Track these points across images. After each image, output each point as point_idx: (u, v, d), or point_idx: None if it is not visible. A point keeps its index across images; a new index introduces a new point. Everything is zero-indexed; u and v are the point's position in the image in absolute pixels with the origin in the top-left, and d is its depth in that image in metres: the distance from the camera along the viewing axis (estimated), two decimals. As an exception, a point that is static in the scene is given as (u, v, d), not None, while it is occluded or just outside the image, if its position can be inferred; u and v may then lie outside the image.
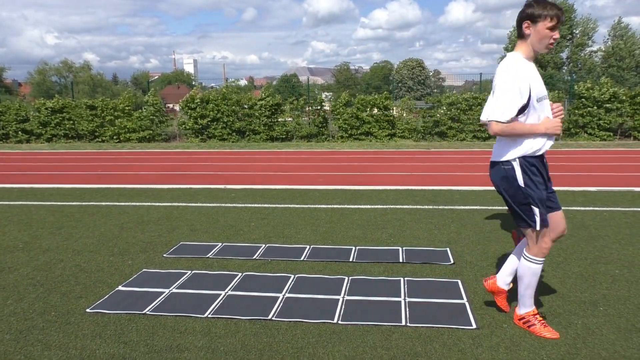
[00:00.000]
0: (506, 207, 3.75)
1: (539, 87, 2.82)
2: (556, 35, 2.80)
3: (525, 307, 3.01)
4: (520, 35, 2.87)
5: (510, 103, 2.74)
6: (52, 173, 10.01)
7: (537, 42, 2.81)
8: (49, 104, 17.28)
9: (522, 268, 2.97)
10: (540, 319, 2.97)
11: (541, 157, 2.91)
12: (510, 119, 2.76)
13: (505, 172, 2.88)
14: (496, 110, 2.78)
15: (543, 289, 3.56)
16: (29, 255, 4.51)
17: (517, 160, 2.84)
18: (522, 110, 2.78)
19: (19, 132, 17.41)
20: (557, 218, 3.00)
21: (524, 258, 2.96)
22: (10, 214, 6.16)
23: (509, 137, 2.85)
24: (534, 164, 2.86)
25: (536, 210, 2.83)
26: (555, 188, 3.13)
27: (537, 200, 2.82)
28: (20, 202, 6.92)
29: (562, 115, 2.96)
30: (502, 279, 3.17)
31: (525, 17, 2.80)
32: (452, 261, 4.19)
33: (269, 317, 3.16)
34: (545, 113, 2.87)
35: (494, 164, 2.97)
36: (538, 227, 2.84)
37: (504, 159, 2.88)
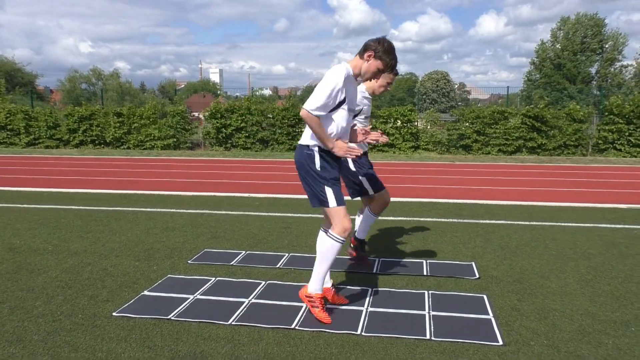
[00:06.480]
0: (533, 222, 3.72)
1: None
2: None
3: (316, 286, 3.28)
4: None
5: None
6: (80, 178, 10.23)
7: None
8: (78, 110, 17.70)
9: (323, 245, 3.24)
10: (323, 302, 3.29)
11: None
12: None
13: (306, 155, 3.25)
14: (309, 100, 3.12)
15: (571, 307, 3.48)
16: (57, 258, 4.60)
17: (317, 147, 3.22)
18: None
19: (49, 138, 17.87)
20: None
21: (327, 235, 3.24)
22: (40, 217, 6.31)
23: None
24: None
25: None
26: (584, 205, 3.08)
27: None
28: (49, 206, 7.08)
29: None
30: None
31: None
32: (477, 275, 4.13)
33: (292, 326, 3.15)
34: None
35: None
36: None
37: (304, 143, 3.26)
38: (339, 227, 3.18)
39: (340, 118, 3.20)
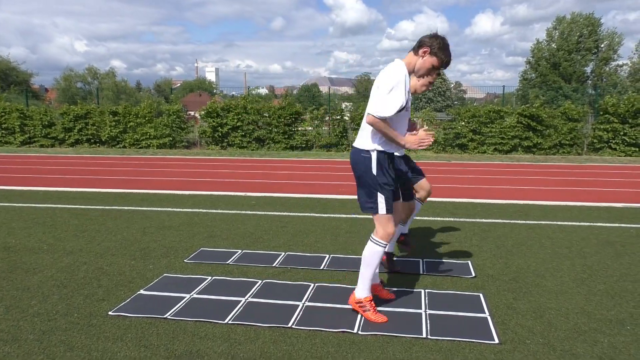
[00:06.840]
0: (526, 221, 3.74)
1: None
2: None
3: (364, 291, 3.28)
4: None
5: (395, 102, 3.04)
6: (76, 177, 10.19)
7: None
8: (74, 109, 17.62)
9: (367, 250, 3.24)
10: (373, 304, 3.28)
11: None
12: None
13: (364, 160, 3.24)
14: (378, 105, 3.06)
15: (567, 305, 3.49)
16: (53, 257, 4.59)
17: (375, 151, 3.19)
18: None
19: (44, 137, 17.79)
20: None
21: (370, 240, 3.25)
22: (36, 216, 6.28)
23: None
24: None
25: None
26: (579, 203, 3.13)
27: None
28: (45, 205, 7.05)
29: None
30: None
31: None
32: (473, 274, 4.14)
33: (289, 325, 3.15)
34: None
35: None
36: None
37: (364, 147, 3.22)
38: (381, 231, 3.20)
39: (400, 118, 3.20)
